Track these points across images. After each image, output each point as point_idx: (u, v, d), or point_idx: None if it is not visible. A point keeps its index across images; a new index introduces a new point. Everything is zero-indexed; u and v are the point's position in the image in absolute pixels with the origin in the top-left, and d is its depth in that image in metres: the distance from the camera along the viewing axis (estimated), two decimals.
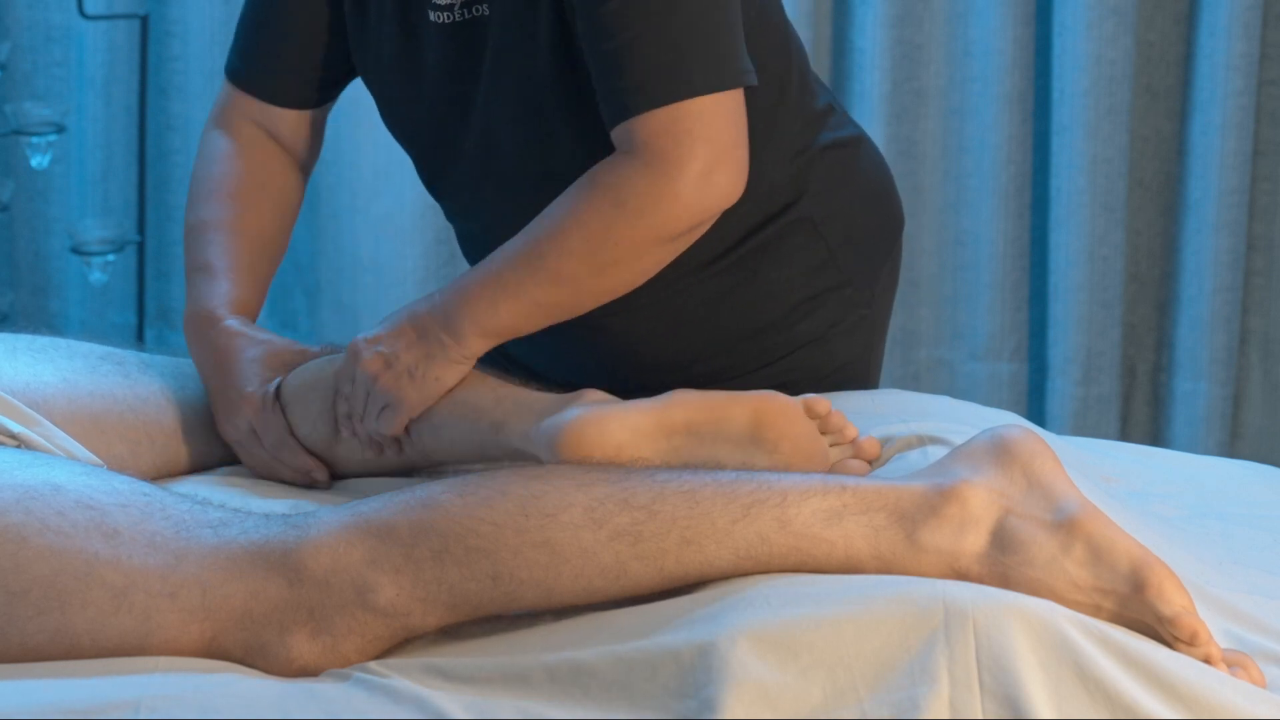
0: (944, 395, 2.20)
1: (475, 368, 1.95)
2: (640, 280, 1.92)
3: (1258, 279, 3.52)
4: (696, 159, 1.86)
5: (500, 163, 2.02)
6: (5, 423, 1.78)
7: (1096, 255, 3.46)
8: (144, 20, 3.45)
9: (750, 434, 1.84)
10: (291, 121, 2.16)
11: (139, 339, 3.51)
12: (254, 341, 2.01)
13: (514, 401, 1.90)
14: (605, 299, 1.92)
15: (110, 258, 3.42)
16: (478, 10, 1.98)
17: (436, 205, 3.47)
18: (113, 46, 3.49)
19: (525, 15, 1.95)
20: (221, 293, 2.05)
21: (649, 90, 1.86)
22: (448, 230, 3.51)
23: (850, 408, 2.01)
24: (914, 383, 3.56)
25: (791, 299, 2.09)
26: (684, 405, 1.84)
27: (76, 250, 3.41)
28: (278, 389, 1.97)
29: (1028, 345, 3.56)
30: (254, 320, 2.07)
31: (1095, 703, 1.49)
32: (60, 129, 3.40)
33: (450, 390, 1.92)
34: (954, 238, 3.53)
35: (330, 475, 1.98)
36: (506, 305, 1.89)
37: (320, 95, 2.16)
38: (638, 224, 1.87)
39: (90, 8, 3.38)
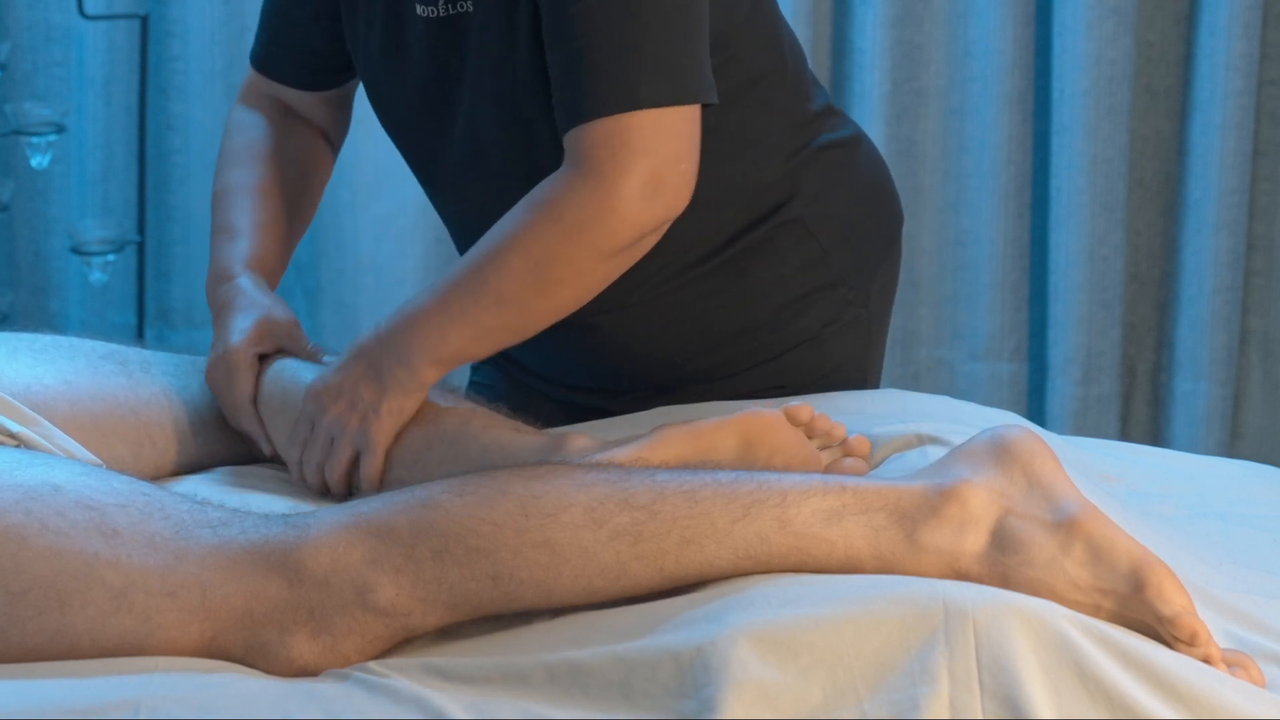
0: (944, 395, 2.20)
1: (461, 404, 1.95)
2: (587, 297, 1.90)
3: (1258, 279, 3.52)
4: (634, 172, 1.85)
5: (486, 158, 2.02)
6: (5, 423, 1.78)
7: (1096, 255, 3.46)
8: (144, 20, 3.45)
9: (740, 455, 1.84)
10: (312, 101, 2.19)
11: (139, 339, 3.50)
12: (255, 304, 2.01)
13: (500, 451, 1.89)
14: (553, 318, 1.91)
15: (110, 258, 3.42)
16: (462, 6, 1.98)
17: None
18: (113, 46, 3.49)
19: (506, 14, 1.95)
20: (239, 251, 2.06)
21: (595, 99, 1.85)
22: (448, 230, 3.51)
23: (849, 408, 2.01)
24: (914, 383, 3.56)
25: (782, 298, 2.09)
26: (671, 442, 1.83)
27: (76, 250, 3.41)
28: (260, 357, 1.98)
29: (1028, 345, 3.56)
30: (277, 275, 2.08)
31: (1095, 703, 1.49)
32: (60, 129, 3.40)
33: (433, 443, 1.91)
34: (954, 238, 3.53)
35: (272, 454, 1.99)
36: (455, 332, 1.88)
37: (333, 79, 2.18)
38: (577, 240, 1.85)
39: (90, 8, 3.38)
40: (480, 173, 2.03)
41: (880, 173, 2.19)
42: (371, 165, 3.48)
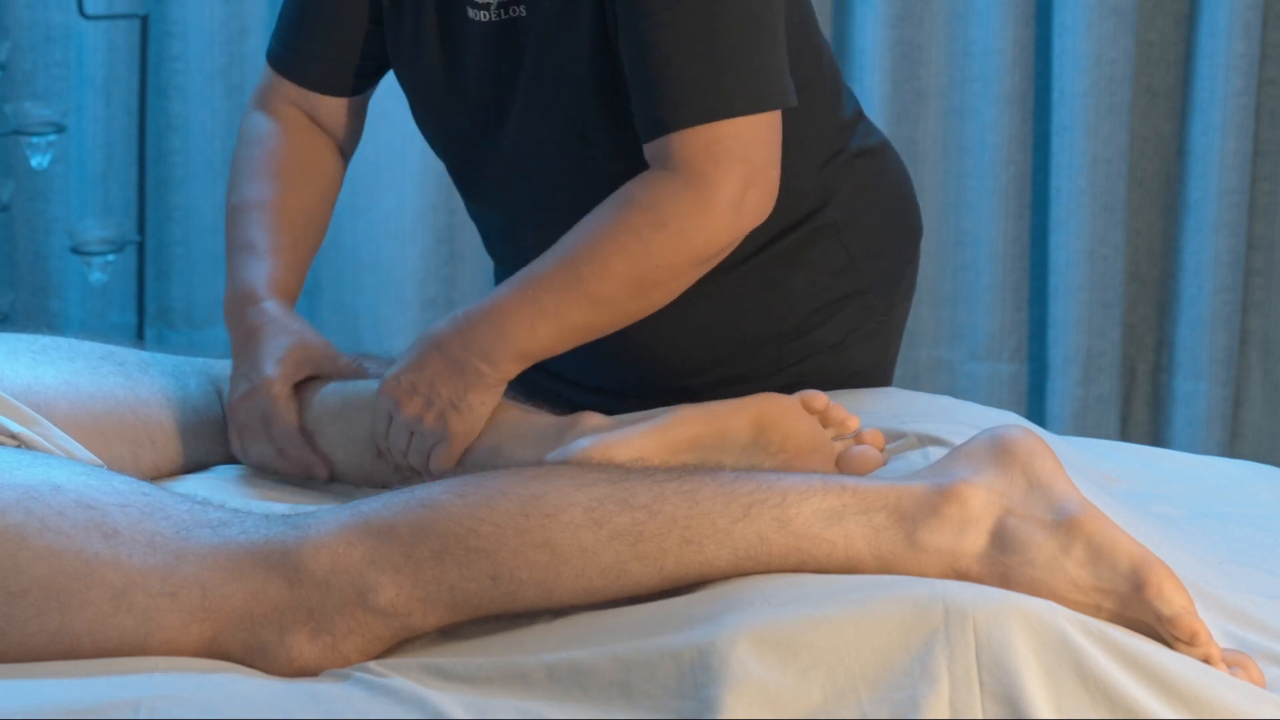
0: (944, 395, 2.20)
1: None
2: (668, 301, 1.91)
3: (1258, 279, 3.52)
4: (734, 179, 1.86)
5: (535, 163, 2.01)
6: (5, 423, 1.78)
7: (1096, 255, 3.46)
8: (144, 20, 3.45)
9: (754, 439, 1.84)
10: (331, 106, 2.16)
11: (139, 339, 3.50)
12: (285, 330, 1.97)
13: (510, 429, 1.89)
14: (636, 319, 1.91)
15: (110, 258, 3.42)
16: (515, 11, 1.97)
17: (436, 205, 3.49)
18: (113, 46, 3.49)
19: (566, 19, 1.94)
20: (262, 273, 2.02)
21: (688, 107, 1.86)
22: (448, 230, 3.51)
23: (851, 408, 2.01)
24: (914, 383, 3.56)
25: (811, 305, 2.09)
26: (687, 422, 1.83)
27: (76, 250, 3.41)
28: (298, 384, 1.95)
29: (1028, 345, 3.56)
30: (295, 298, 2.05)
31: (1095, 703, 1.49)
32: (60, 129, 3.40)
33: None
34: (954, 238, 3.53)
35: (330, 477, 1.97)
36: (544, 329, 1.87)
37: (358, 84, 2.15)
38: (679, 245, 1.86)
39: (90, 8, 3.38)
40: (527, 178, 2.03)
41: (905, 181, 2.19)
42: (371, 165, 3.48)
